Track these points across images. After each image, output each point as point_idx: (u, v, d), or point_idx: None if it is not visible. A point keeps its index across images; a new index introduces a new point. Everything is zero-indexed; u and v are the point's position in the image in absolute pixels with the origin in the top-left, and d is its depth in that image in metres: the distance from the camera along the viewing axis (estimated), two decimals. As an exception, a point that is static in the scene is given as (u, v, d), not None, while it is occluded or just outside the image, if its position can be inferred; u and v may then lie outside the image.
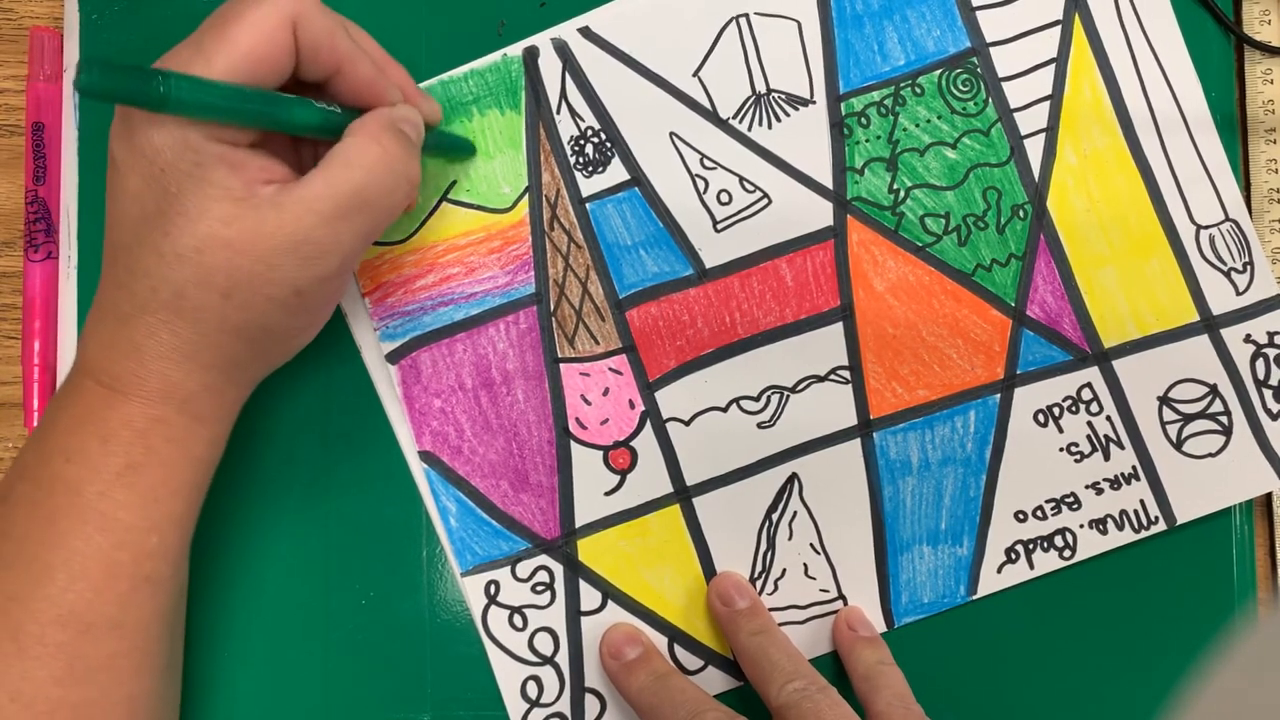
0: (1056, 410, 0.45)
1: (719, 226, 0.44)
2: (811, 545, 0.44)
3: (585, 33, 0.44)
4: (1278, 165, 0.46)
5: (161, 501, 0.37)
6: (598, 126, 0.44)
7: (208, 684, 0.43)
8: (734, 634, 0.42)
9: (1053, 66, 0.45)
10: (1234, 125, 0.46)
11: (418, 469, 0.44)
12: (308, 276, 0.35)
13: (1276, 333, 0.45)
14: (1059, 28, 0.45)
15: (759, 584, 0.44)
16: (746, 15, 0.45)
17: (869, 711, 0.40)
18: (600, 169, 0.44)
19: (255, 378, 0.39)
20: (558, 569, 0.44)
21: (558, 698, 0.43)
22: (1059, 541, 0.44)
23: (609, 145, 0.44)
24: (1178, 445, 0.45)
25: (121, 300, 0.36)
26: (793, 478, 0.44)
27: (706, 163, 0.44)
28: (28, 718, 0.35)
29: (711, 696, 0.40)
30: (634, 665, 0.42)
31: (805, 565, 0.44)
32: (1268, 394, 0.45)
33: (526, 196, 0.44)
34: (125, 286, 0.35)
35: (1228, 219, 0.45)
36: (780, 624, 0.44)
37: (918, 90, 0.45)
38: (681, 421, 0.44)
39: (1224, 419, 0.45)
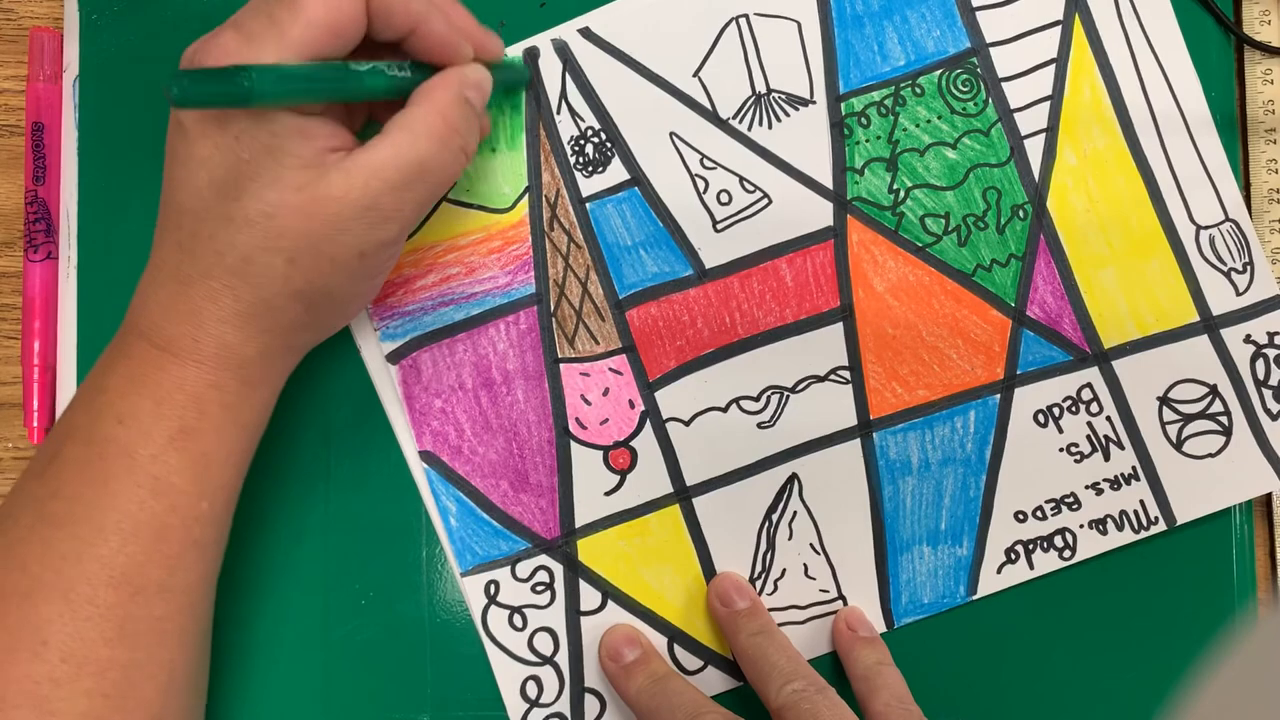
0: (1056, 410, 0.45)
1: (719, 226, 0.44)
2: (811, 545, 0.44)
3: (585, 33, 0.44)
4: (1278, 165, 0.46)
5: (213, 467, 0.37)
6: (598, 126, 0.44)
7: (209, 684, 0.43)
8: (733, 634, 0.42)
9: (1053, 67, 0.45)
10: (1234, 125, 0.46)
11: (418, 469, 0.44)
12: (373, 241, 0.36)
13: (1276, 333, 0.45)
14: (1059, 28, 0.45)
15: (759, 584, 0.44)
16: (746, 15, 0.45)
17: (867, 712, 0.40)
18: (600, 169, 0.44)
19: (308, 344, 0.40)
20: (557, 569, 0.44)
21: (557, 698, 0.43)
22: (1059, 542, 0.44)
23: (609, 145, 0.44)
24: (1178, 445, 0.45)
25: (184, 263, 0.36)
26: (793, 478, 0.44)
27: (706, 163, 0.44)
28: (79, 678, 0.35)
29: (710, 698, 0.40)
30: (632, 667, 0.42)
31: (805, 565, 0.44)
32: (1267, 394, 0.45)
33: (526, 196, 0.44)
34: (188, 250, 0.36)
35: (1228, 219, 0.45)
36: (780, 624, 0.44)
37: (918, 90, 0.45)
38: (681, 421, 0.44)
39: (1224, 419, 0.45)
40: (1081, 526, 0.44)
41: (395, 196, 0.36)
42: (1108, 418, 0.45)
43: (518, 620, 0.43)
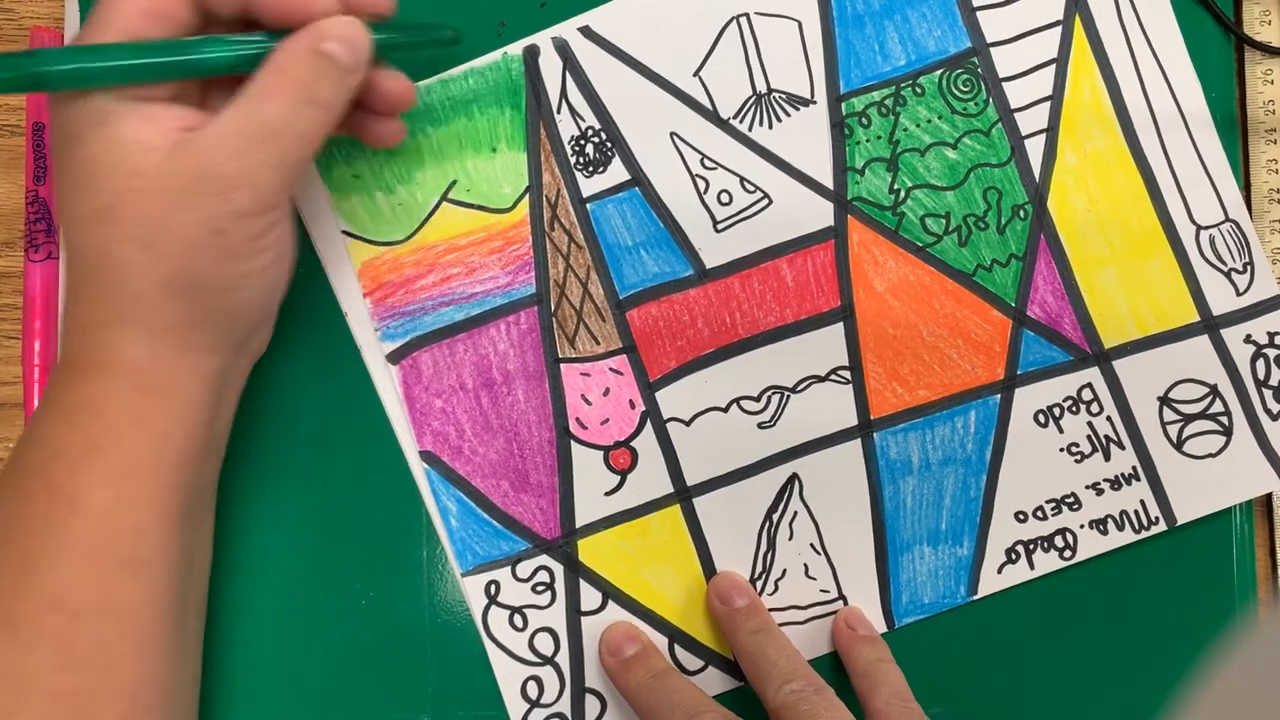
0: (1057, 410, 0.45)
1: (719, 227, 0.44)
2: (812, 545, 0.44)
3: (586, 32, 0.44)
4: (1278, 165, 0.46)
5: (130, 481, 0.36)
6: (598, 126, 0.44)
7: (207, 684, 0.43)
8: (733, 633, 0.42)
9: (1053, 67, 0.45)
10: (1234, 125, 0.46)
11: (418, 469, 0.44)
12: (221, 213, 0.34)
13: (1277, 333, 0.45)
14: (1059, 28, 0.45)
15: (759, 584, 0.44)
16: (747, 15, 0.45)
17: (867, 709, 0.40)
18: (601, 169, 0.44)
19: (209, 343, 0.37)
20: (558, 569, 0.44)
21: (558, 698, 0.43)
22: (1059, 542, 0.44)
23: (609, 145, 0.44)
24: (1178, 445, 0.45)
25: (69, 274, 0.36)
26: (793, 478, 0.44)
27: (707, 163, 0.44)
28: (28, 706, 0.34)
29: (710, 697, 0.40)
30: (632, 663, 0.42)
31: (805, 565, 0.44)
32: (1268, 394, 0.45)
33: (527, 196, 0.44)
34: (69, 261, 0.35)
35: (1228, 219, 0.45)
36: (781, 624, 0.44)
37: (918, 90, 0.45)
38: (682, 422, 0.44)
39: (1224, 419, 0.45)
40: (1082, 526, 0.44)
41: (238, 162, 0.34)
42: (1108, 418, 0.45)
43: (518, 620, 0.43)
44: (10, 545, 0.35)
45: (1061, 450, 0.45)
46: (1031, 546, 0.44)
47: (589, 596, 0.44)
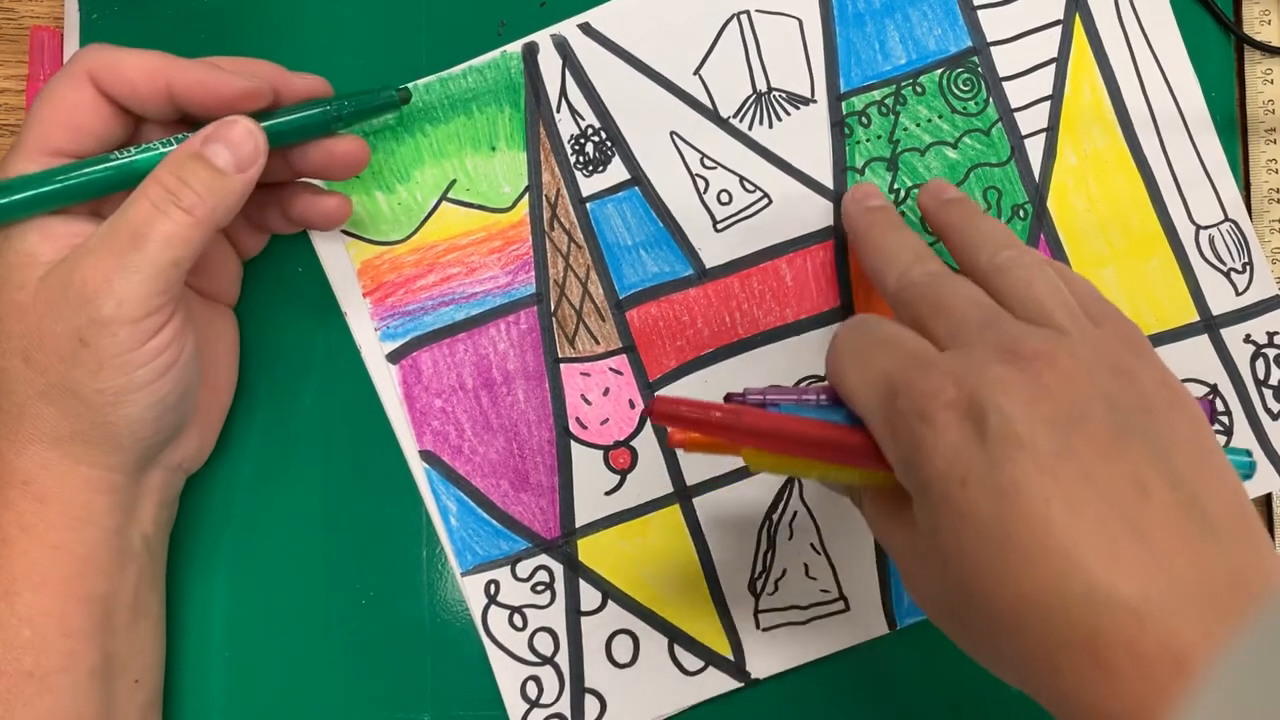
0: (1057, 410, 0.45)
1: (719, 226, 0.44)
2: (812, 545, 0.44)
3: (585, 29, 0.44)
4: (1278, 165, 0.46)
5: (25, 593, 0.35)
6: (598, 125, 0.44)
7: (207, 684, 0.43)
8: (937, 210, 0.41)
9: (1053, 66, 0.45)
10: (1234, 125, 0.46)
11: (418, 469, 0.44)
12: (84, 321, 0.34)
13: (1276, 333, 0.45)
14: (1059, 27, 0.45)
15: (759, 584, 0.44)
16: (748, 12, 0.45)
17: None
18: (600, 168, 0.44)
19: (98, 458, 0.36)
20: (558, 569, 0.44)
21: (558, 698, 0.43)
22: (1059, 541, 0.44)
23: (609, 144, 0.44)
24: (1178, 445, 0.45)
25: None
26: (793, 477, 0.44)
27: (707, 162, 0.44)
28: None
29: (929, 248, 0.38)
30: (872, 210, 0.41)
31: (806, 565, 0.44)
32: (1268, 394, 0.45)
33: (526, 196, 0.44)
34: None
35: (1227, 219, 0.45)
36: (781, 624, 0.44)
37: (919, 89, 0.45)
38: (682, 421, 0.44)
39: (1224, 419, 0.45)
40: (1082, 526, 0.44)
41: (100, 270, 0.34)
42: (1108, 417, 0.45)
43: (518, 620, 0.43)
44: None
45: (1062, 450, 0.44)
46: (1032, 546, 0.44)
47: (589, 596, 0.44)
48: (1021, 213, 0.45)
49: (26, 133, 0.36)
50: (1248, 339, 0.45)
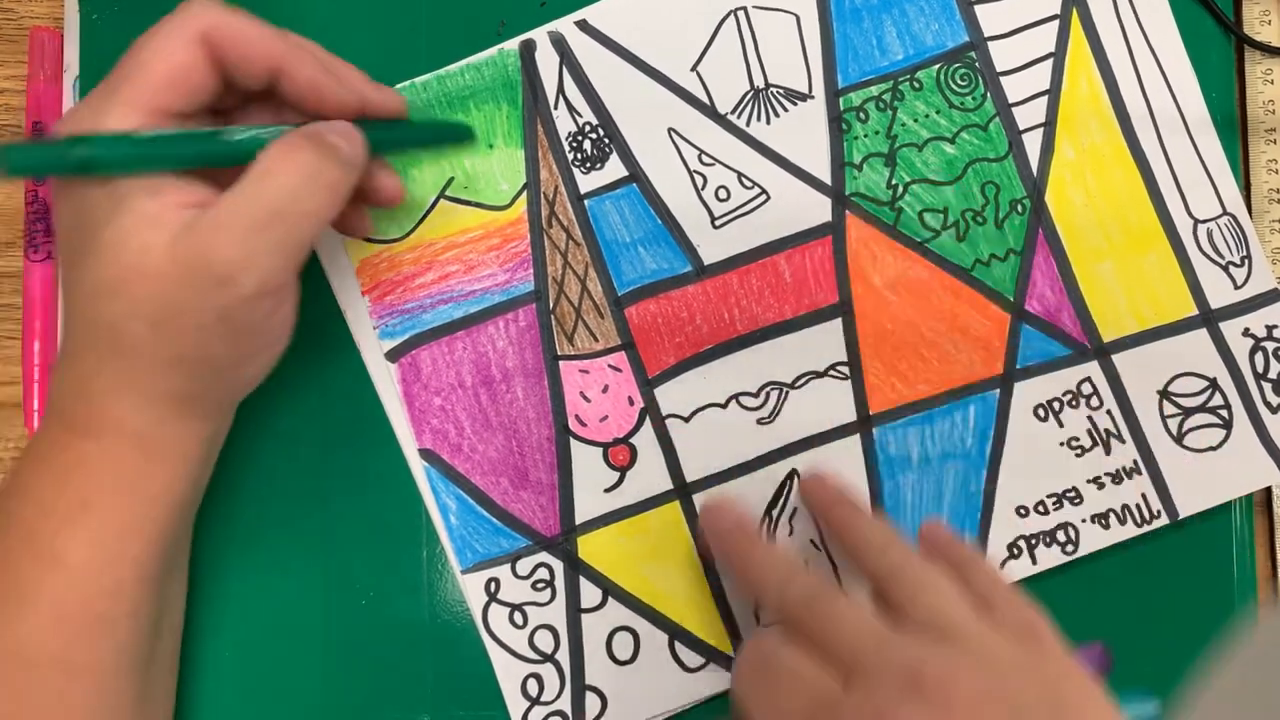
0: (1056, 405, 0.45)
1: (717, 223, 0.44)
2: (812, 542, 0.44)
3: (583, 26, 0.44)
4: (1278, 165, 0.46)
5: (114, 541, 0.36)
6: (595, 122, 0.44)
7: (208, 684, 0.43)
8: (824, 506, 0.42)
9: (1050, 61, 0.45)
10: (1234, 125, 0.46)
11: (418, 467, 0.44)
12: (227, 299, 0.34)
13: (1275, 326, 0.45)
14: (1056, 22, 0.45)
15: (760, 581, 0.44)
16: (745, 8, 0.45)
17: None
18: (598, 165, 0.44)
19: (212, 410, 0.38)
20: (558, 566, 0.44)
21: (558, 695, 0.43)
22: (1061, 536, 0.44)
23: (607, 141, 0.44)
24: (1178, 439, 0.45)
25: (69, 338, 0.36)
26: (792, 474, 0.44)
27: (705, 159, 0.44)
28: None
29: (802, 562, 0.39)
30: (727, 523, 0.41)
31: (805, 562, 0.44)
32: (1267, 387, 0.45)
33: (525, 193, 0.44)
34: (69, 324, 0.36)
35: (1225, 213, 0.45)
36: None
37: (916, 85, 0.45)
38: (681, 418, 0.44)
39: (1224, 412, 0.45)
40: (1083, 521, 0.44)
41: (242, 247, 0.34)
42: (1108, 411, 0.45)
43: (518, 618, 0.43)
44: None
45: (1062, 444, 0.44)
46: (1033, 541, 0.44)
47: (589, 593, 0.44)
48: (1019, 207, 0.45)
49: (127, 82, 0.34)
50: (1246, 332, 0.45)
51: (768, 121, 0.45)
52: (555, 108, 0.44)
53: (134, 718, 0.38)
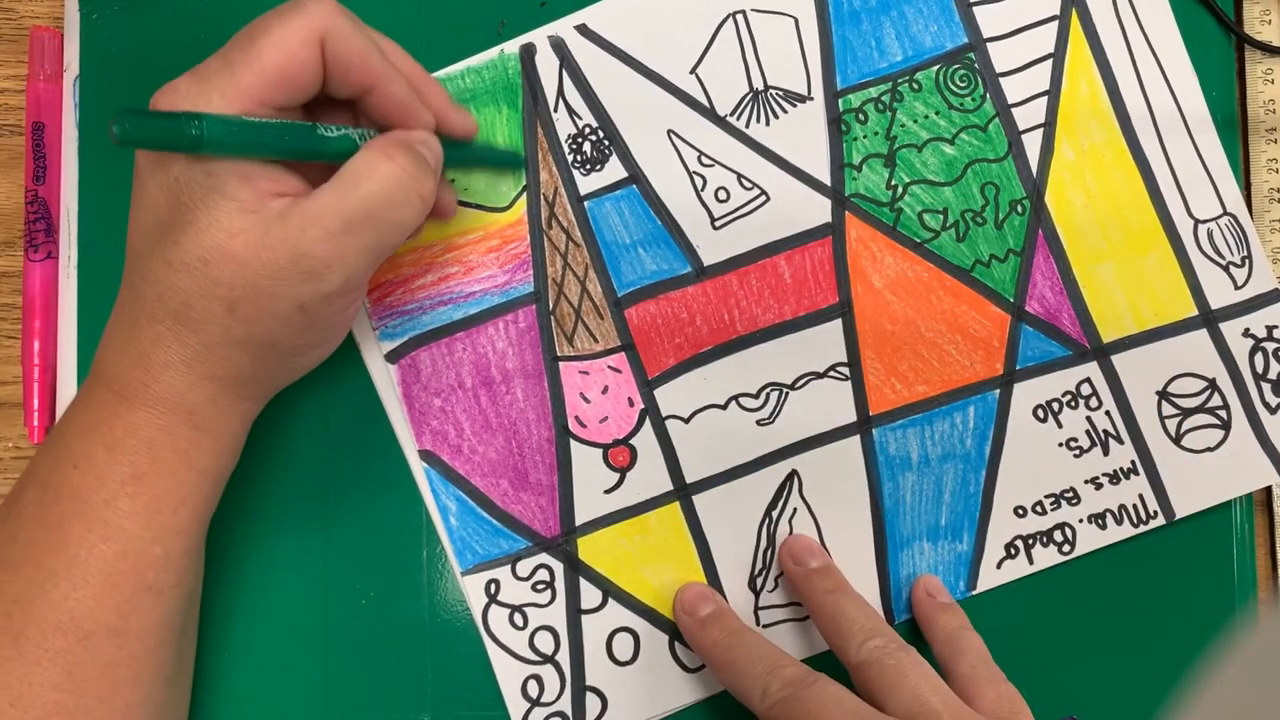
0: (1056, 405, 0.45)
1: (717, 224, 0.44)
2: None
3: (582, 30, 0.44)
4: (1278, 165, 0.46)
5: (165, 512, 0.37)
6: (595, 124, 0.44)
7: (208, 684, 0.43)
8: (809, 592, 0.42)
9: (1050, 62, 0.45)
10: (1234, 125, 0.46)
11: (418, 468, 0.44)
12: (310, 292, 0.35)
13: (1275, 327, 0.45)
14: (1056, 23, 0.45)
15: (759, 582, 0.44)
16: (744, 11, 0.45)
17: (951, 675, 0.40)
18: (598, 167, 0.44)
19: (263, 393, 0.39)
20: (558, 567, 0.44)
21: (558, 696, 0.43)
22: (1058, 536, 0.44)
23: (607, 143, 0.44)
24: (1177, 440, 0.45)
25: (134, 306, 0.36)
26: (792, 475, 0.44)
27: (704, 160, 0.44)
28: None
29: (785, 652, 0.40)
30: (708, 621, 0.42)
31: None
32: (1266, 388, 0.45)
33: (524, 195, 0.44)
34: (138, 293, 0.36)
35: (1226, 213, 0.45)
36: (781, 621, 0.44)
37: (915, 86, 0.45)
38: (681, 419, 0.44)
39: (1223, 413, 0.45)
40: (1081, 521, 0.44)
41: (334, 244, 0.34)
42: (1107, 412, 0.45)
43: (518, 619, 0.43)
44: (30, 561, 0.36)
45: (1060, 445, 0.45)
46: (1031, 541, 0.44)
47: (589, 594, 0.44)
48: (1019, 208, 0.45)
49: (239, 67, 0.34)
50: (1247, 333, 0.45)
51: (767, 123, 0.45)
52: (555, 110, 0.44)
53: (171, 688, 0.39)
